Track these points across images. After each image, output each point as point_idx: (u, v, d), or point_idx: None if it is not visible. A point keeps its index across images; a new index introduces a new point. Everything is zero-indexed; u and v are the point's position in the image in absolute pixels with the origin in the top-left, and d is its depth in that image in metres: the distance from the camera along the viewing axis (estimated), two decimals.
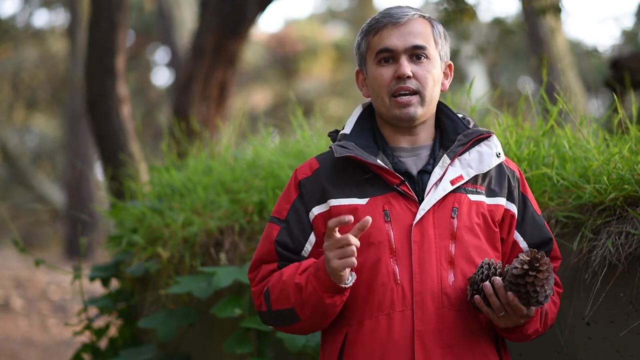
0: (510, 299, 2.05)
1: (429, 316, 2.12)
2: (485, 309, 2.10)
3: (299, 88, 20.18)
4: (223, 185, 3.78)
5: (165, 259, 3.59)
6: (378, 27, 2.24)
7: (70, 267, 3.99)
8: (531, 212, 2.29)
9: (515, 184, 2.28)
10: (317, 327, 2.22)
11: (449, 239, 2.16)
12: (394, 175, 2.17)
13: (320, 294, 2.10)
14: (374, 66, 2.24)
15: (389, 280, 2.14)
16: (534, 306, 2.07)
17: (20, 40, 17.54)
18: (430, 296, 2.13)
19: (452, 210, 2.17)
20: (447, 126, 2.29)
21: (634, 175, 2.58)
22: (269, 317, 2.24)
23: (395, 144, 2.26)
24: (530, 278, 2.02)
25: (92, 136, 6.51)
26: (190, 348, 3.66)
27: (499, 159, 2.25)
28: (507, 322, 2.11)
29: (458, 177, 2.19)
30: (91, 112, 6.04)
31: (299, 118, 3.98)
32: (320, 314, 2.15)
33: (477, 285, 2.10)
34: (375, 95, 2.25)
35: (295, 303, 2.15)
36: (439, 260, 2.15)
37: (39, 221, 19.56)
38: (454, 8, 7.86)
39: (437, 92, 2.26)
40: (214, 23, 6.79)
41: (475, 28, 10.40)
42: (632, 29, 11.02)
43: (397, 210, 2.17)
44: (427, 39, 2.24)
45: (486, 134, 2.27)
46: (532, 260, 2.03)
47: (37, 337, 7.38)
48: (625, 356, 2.50)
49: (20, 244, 3.93)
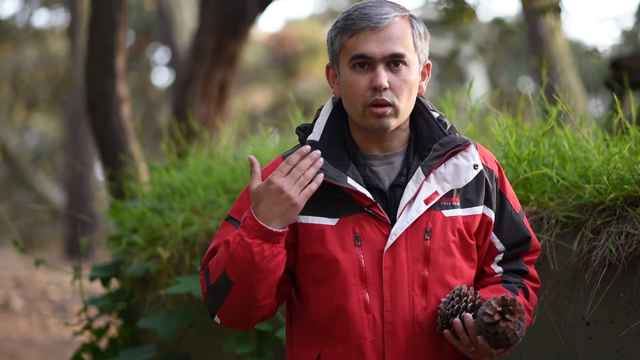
0: (481, 343, 2.00)
1: (401, 346, 2.06)
2: (454, 342, 2.05)
3: (299, 88, 20.18)
4: (223, 185, 3.78)
5: (165, 259, 3.59)
6: (355, 29, 2.07)
7: (70, 267, 3.99)
8: (509, 212, 2.20)
9: (493, 185, 2.18)
10: (250, 298, 2.05)
11: (422, 262, 2.08)
12: (365, 197, 2.06)
13: (247, 241, 1.98)
14: (348, 70, 2.09)
15: (359, 309, 2.06)
16: (504, 348, 2.03)
17: (20, 40, 17.55)
18: (402, 325, 2.06)
19: (426, 232, 2.08)
20: (422, 130, 2.16)
21: (634, 175, 2.58)
22: (209, 298, 2.10)
23: (367, 150, 2.14)
24: (501, 328, 1.97)
25: (92, 136, 6.51)
26: (190, 348, 3.66)
27: (476, 171, 2.14)
28: (476, 356, 2.07)
29: (432, 195, 2.09)
30: (91, 112, 6.04)
31: (299, 118, 3.98)
32: (249, 271, 2.00)
33: (447, 319, 2.05)
34: (349, 102, 2.11)
35: (226, 263, 2.02)
36: (411, 286, 2.07)
37: (39, 221, 19.57)
38: (453, 8, 7.86)
39: (413, 100, 2.14)
40: (214, 23, 6.79)
41: (475, 28, 10.41)
42: (632, 29, 11.03)
43: (368, 233, 2.07)
44: (406, 44, 2.08)
45: (463, 145, 2.13)
46: (503, 309, 1.98)
47: (37, 337, 7.38)
48: (625, 356, 2.50)
49: (20, 244, 3.93)
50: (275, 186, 2.00)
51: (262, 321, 2.18)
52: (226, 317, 2.12)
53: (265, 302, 2.08)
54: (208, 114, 6.81)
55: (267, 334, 3.25)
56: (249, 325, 2.16)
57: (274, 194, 2.00)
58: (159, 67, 22.01)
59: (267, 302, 2.09)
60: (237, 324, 2.14)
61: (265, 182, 2.01)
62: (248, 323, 2.14)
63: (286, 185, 2.00)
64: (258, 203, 2.01)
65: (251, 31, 7.06)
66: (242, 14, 6.74)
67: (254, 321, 2.14)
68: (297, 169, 2.01)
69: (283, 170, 2.01)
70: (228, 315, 2.11)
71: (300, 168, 2.01)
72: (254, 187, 2.02)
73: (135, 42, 18.19)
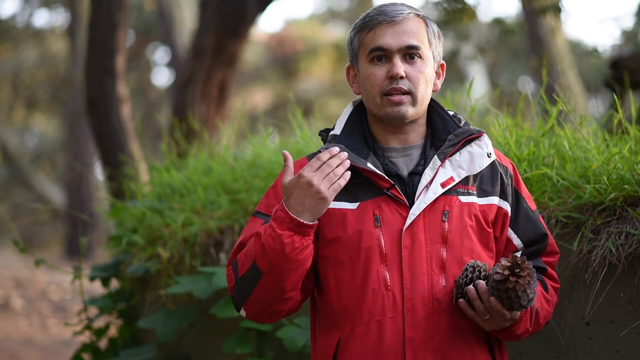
0: (493, 304, 2.04)
1: (420, 322, 2.11)
2: (469, 312, 2.09)
3: (299, 88, 20.18)
4: (223, 185, 3.78)
5: (165, 259, 3.59)
6: (372, 24, 2.20)
7: (70, 267, 3.99)
8: (525, 209, 2.26)
9: (508, 180, 2.25)
10: (278, 290, 2.12)
11: (440, 243, 2.14)
12: (384, 180, 2.16)
13: (278, 232, 2.06)
14: (366, 64, 2.22)
15: (379, 287, 2.12)
16: (517, 310, 2.06)
17: (20, 40, 17.55)
18: (421, 302, 2.11)
19: (443, 214, 2.16)
20: (438, 125, 2.26)
21: (634, 175, 2.58)
22: (236, 291, 2.16)
23: (385, 143, 2.24)
24: (511, 283, 2.00)
25: (92, 136, 6.51)
26: (190, 348, 3.66)
27: (490, 159, 2.23)
28: (492, 325, 2.10)
29: (449, 179, 2.18)
30: (91, 112, 6.04)
31: (299, 118, 3.98)
32: (279, 262, 2.07)
33: (461, 289, 2.09)
34: (367, 93, 2.23)
35: (256, 254, 2.09)
36: (430, 265, 2.13)
37: (39, 221, 19.57)
38: (453, 8, 7.86)
39: (429, 92, 2.24)
40: (214, 23, 6.80)
41: (475, 28, 10.41)
42: (632, 29, 11.02)
43: (387, 215, 2.15)
44: (421, 38, 2.20)
45: (477, 134, 2.24)
46: (512, 265, 2.01)
47: (37, 337, 7.38)
48: (625, 356, 2.50)
49: (20, 244, 3.93)
50: (305, 180, 2.07)
51: (287, 316, 2.23)
52: (252, 310, 2.18)
53: (291, 294, 2.15)
54: (208, 114, 6.81)
55: (267, 334, 3.25)
56: (274, 319, 2.22)
57: (304, 187, 2.07)
58: (159, 67, 22.03)
59: (293, 295, 2.16)
60: (262, 317, 2.20)
61: (296, 176, 2.09)
62: (273, 316, 2.20)
63: (316, 179, 2.07)
64: (289, 196, 2.09)
65: (251, 31, 7.06)
66: (242, 14, 6.74)
67: (279, 315, 2.20)
68: (327, 166, 2.09)
69: (313, 165, 2.09)
70: (254, 308, 2.17)
71: (330, 165, 2.09)
72: (286, 181, 2.10)
73: (135, 42, 18.19)
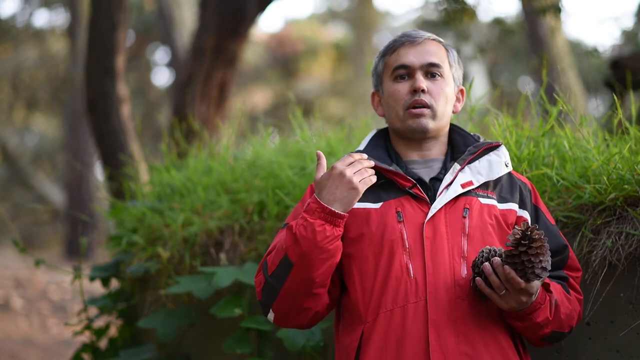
0: (507, 272, 2.09)
1: (443, 306, 2.17)
2: (486, 290, 2.14)
3: (299, 88, 20.17)
4: (223, 185, 3.78)
5: (165, 259, 3.59)
6: (395, 46, 2.38)
7: (70, 267, 3.99)
8: (544, 221, 2.36)
9: (527, 194, 2.36)
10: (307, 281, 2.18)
11: (461, 235, 2.22)
12: (406, 179, 2.27)
13: (310, 221, 2.14)
14: (390, 82, 2.37)
15: (402, 274, 2.20)
16: (532, 279, 2.09)
17: (20, 40, 17.54)
18: (444, 287, 2.18)
19: (464, 211, 2.25)
20: (457, 142, 2.41)
21: (634, 175, 2.58)
22: (265, 292, 2.24)
23: (408, 158, 2.37)
24: (523, 247, 2.06)
25: (92, 136, 6.50)
26: (190, 348, 3.66)
27: (508, 168, 2.34)
28: (510, 301, 2.14)
29: (468, 182, 2.28)
30: (91, 112, 6.04)
31: (299, 118, 3.98)
32: (310, 250, 2.14)
33: (477, 268, 2.15)
34: (391, 109, 2.37)
35: (287, 245, 2.17)
36: (452, 254, 2.21)
37: (39, 221, 19.56)
38: (453, 8, 7.86)
39: (449, 110, 2.39)
40: (214, 23, 6.79)
41: (475, 28, 10.40)
42: (632, 29, 11.00)
43: (409, 211, 2.25)
44: (441, 58, 2.38)
45: (495, 144, 2.37)
46: (524, 232, 2.07)
47: (37, 337, 7.37)
48: (625, 356, 2.50)
49: (20, 244, 3.93)
50: (337, 171, 2.17)
51: (313, 322, 2.28)
52: (280, 310, 2.24)
53: (319, 291, 2.21)
54: (208, 114, 6.80)
55: (267, 334, 3.25)
56: (302, 320, 2.27)
57: (337, 178, 2.17)
58: (159, 67, 21.99)
59: (321, 292, 2.22)
60: (290, 317, 2.26)
61: (329, 170, 2.19)
62: (301, 316, 2.25)
63: (348, 171, 2.17)
64: (321, 189, 2.18)
65: (251, 31, 7.05)
66: (242, 14, 6.73)
67: (306, 315, 2.25)
68: (358, 162, 2.20)
69: (346, 160, 2.19)
70: (283, 305, 2.23)
71: (361, 162, 2.21)
72: (318, 177, 2.21)
73: (135, 42, 18.18)
